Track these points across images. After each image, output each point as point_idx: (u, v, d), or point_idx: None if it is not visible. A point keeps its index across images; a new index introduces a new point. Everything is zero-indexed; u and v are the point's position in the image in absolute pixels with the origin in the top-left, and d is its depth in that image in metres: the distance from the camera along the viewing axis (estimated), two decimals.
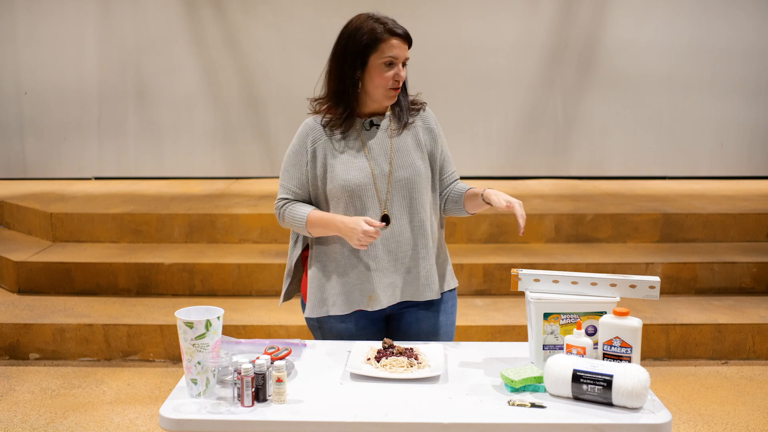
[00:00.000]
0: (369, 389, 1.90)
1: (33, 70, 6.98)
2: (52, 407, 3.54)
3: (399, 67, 2.20)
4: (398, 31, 2.19)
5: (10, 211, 5.71)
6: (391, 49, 2.18)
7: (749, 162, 7.09)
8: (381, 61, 2.18)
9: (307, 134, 2.29)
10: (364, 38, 2.19)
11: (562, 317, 2.01)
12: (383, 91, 2.21)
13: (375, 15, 2.23)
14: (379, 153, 2.26)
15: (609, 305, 1.99)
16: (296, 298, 2.48)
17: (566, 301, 2.01)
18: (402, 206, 2.25)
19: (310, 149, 2.27)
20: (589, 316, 2.01)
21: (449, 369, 2.05)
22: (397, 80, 2.20)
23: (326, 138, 2.26)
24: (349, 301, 2.26)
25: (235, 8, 6.87)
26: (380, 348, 2.11)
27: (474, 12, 6.79)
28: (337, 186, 2.22)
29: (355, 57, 2.20)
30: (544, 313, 2.02)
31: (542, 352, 2.03)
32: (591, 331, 1.99)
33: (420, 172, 2.27)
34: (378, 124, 2.29)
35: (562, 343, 2.00)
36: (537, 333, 2.03)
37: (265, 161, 7.08)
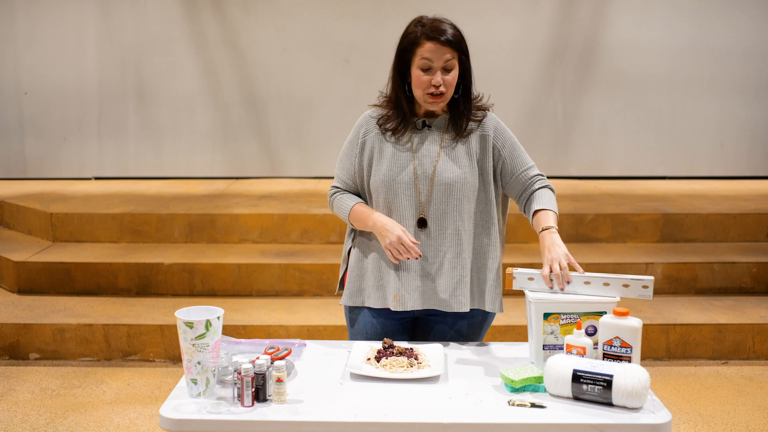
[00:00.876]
0: (369, 389, 1.90)
1: (33, 70, 6.98)
2: (52, 407, 3.54)
3: (437, 71, 2.14)
4: (436, 36, 2.12)
5: (10, 211, 5.71)
6: (426, 52, 2.13)
7: (749, 162, 7.09)
8: (418, 65, 2.15)
9: (361, 126, 2.31)
10: (405, 42, 2.18)
11: (562, 317, 2.01)
12: (423, 96, 2.18)
13: (425, 18, 2.18)
14: (426, 154, 2.23)
15: (609, 305, 1.99)
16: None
17: (566, 301, 2.01)
18: (439, 211, 2.22)
19: (361, 141, 2.28)
20: (589, 316, 2.00)
21: (449, 369, 2.05)
22: (435, 85, 2.14)
23: (377, 132, 2.27)
24: (381, 297, 2.27)
25: (235, 8, 6.87)
26: (380, 348, 2.11)
27: (474, 12, 6.79)
28: (377, 180, 2.23)
29: (400, 61, 2.20)
30: (544, 313, 2.01)
31: (542, 352, 2.03)
32: (591, 331, 1.99)
33: (465, 180, 2.22)
34: (430, 125, 2.26)
35: (562, 343, 2.00)
36: (537, 333, 2.03)
37: (265, 161, 7.08)
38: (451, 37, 2.14)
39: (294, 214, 5.20)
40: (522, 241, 5.13)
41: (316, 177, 7.01)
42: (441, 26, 2.14)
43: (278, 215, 5.19)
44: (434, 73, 2.14)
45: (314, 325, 4.11)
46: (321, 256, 4.80)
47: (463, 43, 2.18)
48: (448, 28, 2.15)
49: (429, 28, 2.14)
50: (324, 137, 6.96)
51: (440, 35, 2.13)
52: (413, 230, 2.23)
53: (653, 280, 2.02)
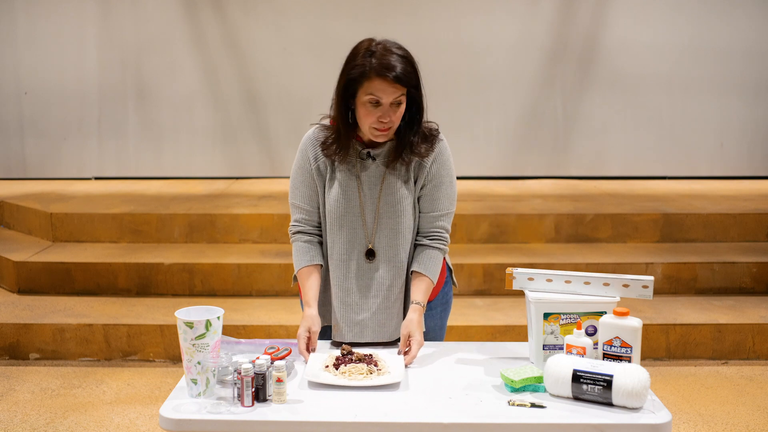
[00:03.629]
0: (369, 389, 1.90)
1: (33, 70, 6.98)
2: (52, 407, 3.54)
3: (385, 107, 2.03)
4: (386, 74, 2.00)
5: (10, 211, 5.71)
6: (375, 88, 2.02)
7: (749, 162, 7.09)
8: (366, 99, 2.04)
9: (307, 149, 2.23)
10: (353, 72, 2.05)
11: (562, 317, 2.01)
12: (369, 129, 2.08)
13: (374, 47, 2.06)
14: (370, 186, 2.19)
15: (609, 305, 1.99)
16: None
17: (566, 301, 2.01)
18: (385, 244, 2.20)
19: (314, 165, 2.21)
20: (589, 316, 2.00)
21: (449, 369, 2.05)
22: (382, 122, 2.05)
23: (325, 157, 2.20)
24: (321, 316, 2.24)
25: (235, 8, 6.87)
26: (339, 355, 2.09)
27: (474, 12, 6.79)
28: (327, 208, 2.20)
29: (345, 87, 2.08)
30: (545, 313, 2.01)
31: (542, 352, 2.03)
32: (591, 331, 1.99)
33: (406, 210, 2.18)
34: (375, 157, 2.18)
35: (562, 343, 2.00)
36: (537, 333, 2.03)
37: (265, 161, 7.08)
38: (401, 73, 2.01)
39: None
40: (522, 241, 5.13)
41: None
42: (391, 61, 2.01)
43: (278, 215, 5.19)
44: (383, 110, 2.04)
45: None
46: None
47: (413, 78, 2.06)
48: (398, 63, 2.02)
49: (378, 63, 2.01)
50: None
51: (389, 72, 2.00)
52: (362, 262, 2.20)
53: (653, 280, 2.02)
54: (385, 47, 2.06)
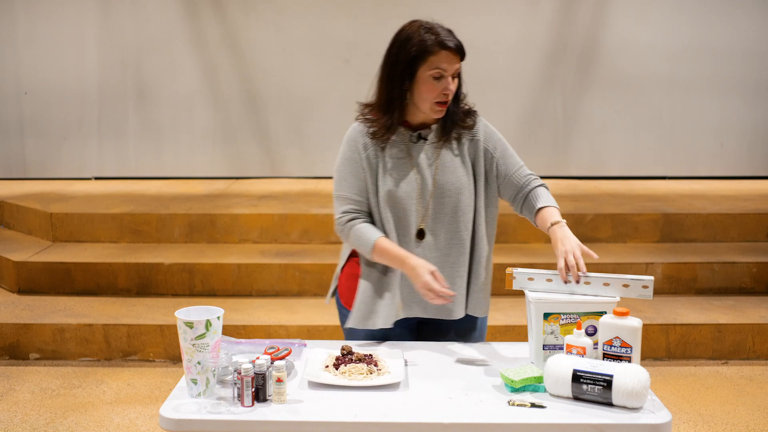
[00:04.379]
0: (369, 389, 1.90)
1: (33, 70, 6.98)
2: (52, 407, 3.54)
3: (448, 80, 2.12)
4: (449, 44, 2.10)
5: (10, 211, 5.71)
6: (440, 61, 2.11)
7: (749, 162, 7.09)
8: (429, 74, 2.12)
9: (357, 139, 2.24)
10: (413, 49, 2.12)
11: (562, 317, 2.01)
12: (430, 105, 2.15)
13: (428, 24, 2.16)
14: (425, 166, 2.22)
15: (609, 305, 1.99)
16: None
17: (566, 301, 2.01)
18: (443, 222, 2.22)
19: (364, 155, 2.23)
20: (589, 316, 2.00)
21: (449, 369, 2.05)
22: (446, 94, 2.13)
23: (375, 146, 2.23)
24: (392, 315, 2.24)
25: (235, 8, 6.87)
26: (338, 355, 2.09)
27: (474, 12, 6.79)
28: (383, 196, 2.21)
29: (404, 67, 2.14)
30: (545, 313, 2.01)
31: (542, 352, 2.03)
32: (591, 331, 1.99)
33: (463, 188, 2.22)
34: (426, 137, 2.24)
35: (562, 343, 2.00)
36: (537, 333, 2.03)
37: (265, 161, 7.08)
38: (459, 44, 2.13)
39: (294, 214, 5.20)
40: (522, 241, 5.13)
41: (316, 177, 7.01)
42: (447, 34, 2.13)
43: (278, 215, 5.19)
44: (446, 82, 2.12)
45: (314, 325, 4.11)
46: (321, 256, 4.80)
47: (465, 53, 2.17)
48: (453, 37, 2.14)
49: (443, 36, 2.12)
50: (324, 137, 6.96)
51: (452, 43, 2.12)
52: (425, 240, 2.22)
53: (653, 280, 2.02)
54: (434, 24, 2.16)
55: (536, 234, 5.14)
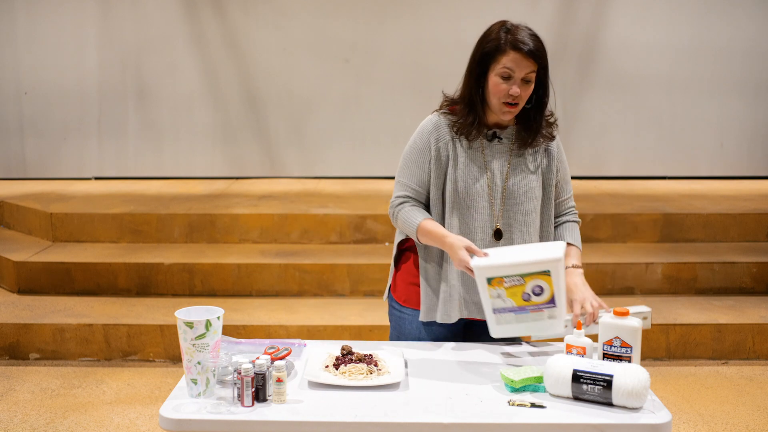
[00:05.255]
0: (369, 389, 1.90)
1: (33, 70, 6.98)
2: (52, 407, 3.54)
3: (517, 82, 2.11)
4: (521, 47, 2.09)
5: (10, 211, 5.71)
6: (509, 61, 2.10)
7: (749, 162, 7.09)
8: (497, 73, 2.12)
9: (431, 132, 2.24)
10: (488, 46, 2.14)
11: (505, 280, 1.98)
12: (498, 105, 2.15)
13: (512, 24, 2.16)
14: (497, 166, 2.22)
15: (552, 263, 1.95)
16: None
17: (507, 264, 1.98)
18: (508, 224, 2.23)
19: (434, 147, 2.23)
20: (533, 276, 1.97)
21: (449, 369, 2.05)
22: (512, 95, 2.11)
23: (450, 139, 2.22)
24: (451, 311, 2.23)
25: (235, 8, 6.87)
26: (338, 355, 2.09)
27: (474, 12, 6.79)
28: (452, 190, 2.21)
29: (479, 64, 2.16)
30: (487, 278, 1.99)
31: (493, 316, 2.01)
32: (537, 291, 1.97)
33: (533, 194, 2.23)
34: (501, 137, 2.24)
35: (512, 305, 1.98)
36: (485, 299, 2.01)
37: (265, 161, 7.08)
38: (534, 49, 2.11)
39: (294, 214, 5.20)
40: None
41: (316, 177, 7.01)
42: (525, 37, 2.12)
43: (278, 215, 5.19)
44: (513, 84, 2.12)
45: (314, 325, 4.11)
46: (321, 256, 4.80)
47: (544, 56, 2.15)
48: (532, 40, 2.12)
49: (514, 38, 2.11)
50: (324, 137, 6.96)
51: (525, 46, 2.10)
52: (489, 241, 2.21)
53: (651, 311, 2.04)
54: (518, 26, 2.17)
55: None
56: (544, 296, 1.96)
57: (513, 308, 1.99)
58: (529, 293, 1.97)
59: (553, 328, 2.00)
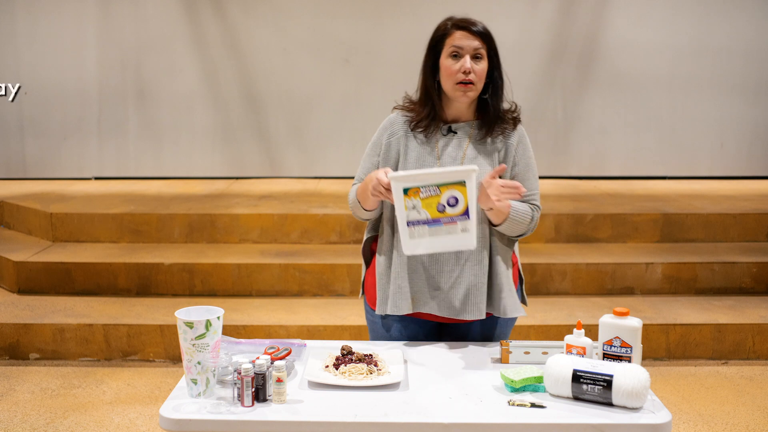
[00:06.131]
0: (369, 389, 1.90)
1: (33, 70, 6.98)
2: (52, 407, 3.54)
3: (465, 59, 2.14)
4: (466, 25, 2.17)
5: (10, 211, 5.71)
6: (456, 40, 2.16)
7: (749, 162, 7.09)
8: (448, 52, 2.17)
9: (386, 128, 2.30)
10: (436, 36, 2.22)
11: (421, 191, 1.98)
12: (452, 86, 2.16)
13: (453, 16, 2.23)
14: (450, 160, 2.22)
15: (467, 173, 1.96)
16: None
17: (424, 173, 1.98)
18: None
19: (386, 143, 2.27)
20: (449, 186, 1.97)
21: (449, 369, 2.05)
22: (465, 72, 2.13)
23: (403, 135, 2.25)
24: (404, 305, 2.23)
25: (235, 8, 6.88)
26: (338, 355, 2.09)
27: (474, 12, 6.73)
28: None
29: (431, 55, 2.21)
30: (404, 188, 1.98)
31: (407, 229, 2.01)
32: (452, 202, 1.98)
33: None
34: (456, 131, 2.25)
35: (426, 217, 1.99)
36: (400, 212, 2.00)
37: (265, 161, 7.08)
38: (481, 28, 2.18)
39: (294, 214, 5.20)
40: (522, 241, 5.12)
41: (316, 177, 7.01)
42: (470, 19, 2.20)
43: (278, 215, 5.19)
44: (464, 61, 2.14)
45: (314, 325, 4.11)
46: (321, 256, 4.80)
47: (491, 38, 2.20)
48: (478, 22, 2.20)
49: (459, 20, 2.19)
50: (324, 137, 6.96)
51: (469, 24, 2.17)
52: None
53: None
54: (464, 16, 2.22)
55: (536, 234, 5.14)
56: (458, 207, 1.98)
57: (427, 220, 1.99)
58: (444, 204, 1.98)
59: (465, 241, 2.01)
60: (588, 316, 4.17)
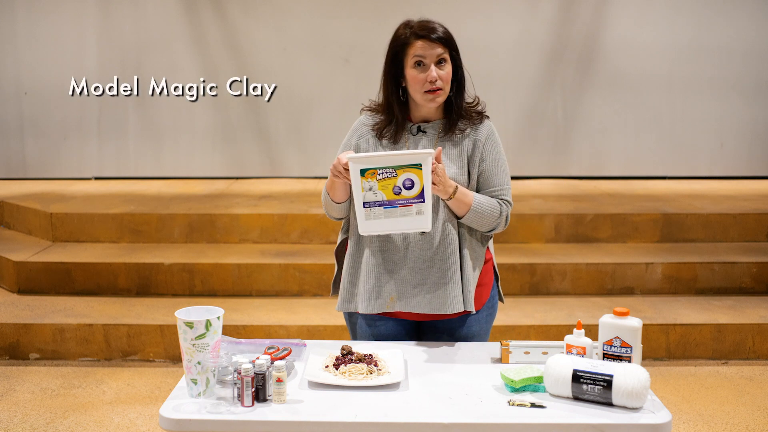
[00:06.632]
0: (369, 389, 1.90)
1: (33, 70, 6.98)
2: (52, 407, 3.54)
3: (430, 67, 2.15)
4: (424, 33, 2.16)
5: (10, 211, 5.71)
6: (417, 50, 2.16)
7: (749, 162, 7.09)
8: (411, 65, 2.17)
9: (356, 129, 2.33)
10: (396, 45, 2.21)
11: (378, 172, 2.00)
12: (421, 95, 2.18)
13: (410, 21, 2.22)
14: None
15: (423, 156, 1.99)
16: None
17: (381, 155, 2.02)
18: (435, 218, 2.21)
19: (355, 144, 2.29)
20: (405, 169, 2.00)
21: (449, 369, 2.05)
22: (431, 81, 2.15)
23: (371, 137, 2.28)
24: (377, 303, 2.24)
25: (235, 8, 6.87)
26: (338, 355, 2.09)
27: (474, 12, 6.79)
28: None
29: (391, 66, 2.22)
30: (361, 169, 2.00)
31: (363, 210, 2.04)
32: (408, 185, 2.00)
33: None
34: (425, 131, 2.26)
35: (382, 199, 2.01)
36: (357, 193, 2.02)
37: (265, 161, 7.08)
38: (441, 33, 2.17)
39: (294, 214, 5.20)
40: (522, 241, 5.13)
41: (316, 177, 7.01)
42: (429, 24, 2.18)
43: (278, 215, 5.19)
44: (427, 69, 2.16)
45: (314, 325, 4.11)
46: (321, 256, 4.80)
47: (452, 40, 2.20)
48: (437, 26, 2.18)
49: (418, 28, 2.18)
50: (324, 137, 6.95)
51: (430, 33, 2.16)
52: (413, 235, 2.21)
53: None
54: (421, 19, 2.23)
55: (536, 234, 5.14)
56: (414, 190, 2.00)
57: (383, 202, 2.02)
58: (400, 186, 2.01)
59: (420, 223, 2.04)
60: (588, 316, 4.17)
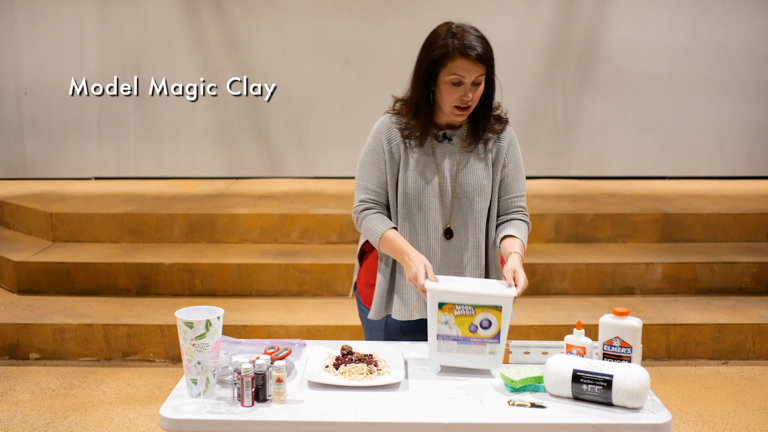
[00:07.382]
0: (369, 389, 1.90)
1: (33, 70, 6.98)
2: (52, 407, 3.54)
3: (467, 87, 2.12)
4: (470, 53, 2.09)
5: (10, 211, 5.71)
6: (459, 68, 2.11)
7: (749, 162, 7.09)
8: (449, 79, 2.13)
9: (383, 132, 2.27)
10: (435, 53, 2.13)
11: (456, 308, 1.99)
12: (450, 108, 2.17)
13: (454, 29, 2.15)
14: (447, 166, 2.24)
15: (505, 299, 1.97)
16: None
17: (462, 293, 1.99)
18: (461, 222, 2.24)
19: (387, 148, 2.25)
20: (484, 309, 1.98)
21: (449, 369, 2.05)
22: (464, 100, 2.13)
23: (401, 140, 2.25)
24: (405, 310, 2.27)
25: (235, 8, 6.87)
26: (338, 355, 2.09)
27: (474, 12, 6.79)
28: (402, 193, 2.23)
29: (427, 69, 2.16)
30: (439, 302, 1.99)
31: (435, 342, 2.02)
32: (486, 325, 1.98)
33: (483, 190, 2.24)
34: (451, 138, 2.26)
35: (456, 334, 1.99)
36: (432, 323, 2.01)
37: (265, 161, 7.08)
38: (482, 52, 2.12)
39: (294, 214, 5.20)
40: None
41: (316, 177, 7.01)
42: (472, 41, 2.12)
43: (278, 215, 5.19)
44: (465, 89, 2.13)
45: (314, 325, 4.11)
46: (321, 256, 4.80)
47: (491, 57, 2.17)
48: (479, 44, 2.13)
49: (461, 44, 2.11)
50: (324, 137, 6.96)
51: (472, 51, 2.10)
52: (440, 241, 2.23)
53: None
54: (464, 29, 2.16)
55: (536, 234, 5.14)
56: (491, 330, 1.98)
57: (458, 337, 2.00)
58: (476, 325, 1.98)
59: (492, 363, 2.01)
60: (588, 316, 4.17)
